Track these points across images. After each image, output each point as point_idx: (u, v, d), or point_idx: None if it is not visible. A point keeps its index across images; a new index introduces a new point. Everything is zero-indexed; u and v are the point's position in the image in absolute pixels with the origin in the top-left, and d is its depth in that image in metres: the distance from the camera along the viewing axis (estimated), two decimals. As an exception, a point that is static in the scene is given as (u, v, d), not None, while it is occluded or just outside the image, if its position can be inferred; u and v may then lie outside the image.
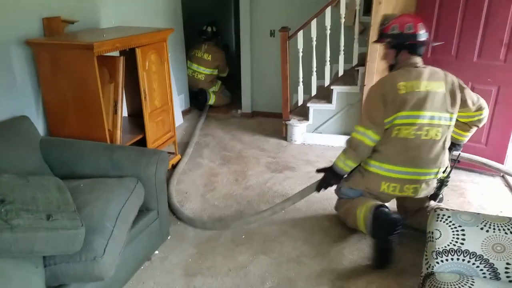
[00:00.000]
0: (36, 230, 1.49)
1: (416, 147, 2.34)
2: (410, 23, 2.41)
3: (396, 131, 2.35)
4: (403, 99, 2.32)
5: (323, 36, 3.89)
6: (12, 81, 2.54)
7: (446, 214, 1.81)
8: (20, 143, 2.29)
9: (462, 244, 1.69)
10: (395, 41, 2.43)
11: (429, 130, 2.34)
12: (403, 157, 2.37)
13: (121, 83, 2.75)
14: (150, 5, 4.13)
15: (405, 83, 2.34)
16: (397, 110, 2.33)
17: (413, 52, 2.44)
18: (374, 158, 2.45)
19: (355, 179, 2.57)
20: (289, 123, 4.21)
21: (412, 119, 2.32)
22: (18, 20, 2.53)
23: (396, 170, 2.39)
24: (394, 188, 2.41)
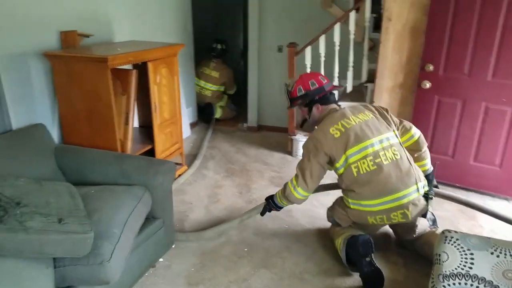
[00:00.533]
0: (48, 233, 1.57)
1: (383, 175, 2.32)
2: (311, 79, 2.58)
3: (355, 168, 2.36)
4: (343, 141, 2.37)
5: (332, 52, 3.96)
6: (30, 91, 2.65)
7: (454, 236, 1.74)
8: (36, 150, 2.39)
9: (471, 269, 1.63)
10: (307, 100, 2.58)
11: (386, 153, 2.36)
12: (377, 190, 2.34)
13: (133, 95, 2.85)
14: (162, 21, 4.26)
15: (335, 127, 2.41)
16: (343, 151, 2.37)
17: (325, 103, 2.57)
18: (351, 197, 2.43)
19: (339, 215, 2.57)
20: (295, 138, 4.27)
21: (363, 152, 2.35)
22: (37, 33, 2.66)
23: (376, 203, 2.35)
24: (382, 219, 2.38)
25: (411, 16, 3.41)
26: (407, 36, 3.47)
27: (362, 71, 4.00)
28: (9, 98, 2.44)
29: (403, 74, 3.58)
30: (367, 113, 2.50)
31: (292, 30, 4.75)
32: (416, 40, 3.44)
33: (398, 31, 3.47)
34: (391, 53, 3.55)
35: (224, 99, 5.65)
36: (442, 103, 3.33)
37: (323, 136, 2.41)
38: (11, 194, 1.65)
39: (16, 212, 1.55)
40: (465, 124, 3.27)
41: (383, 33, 3.51)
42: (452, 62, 3.18)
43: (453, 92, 3.27)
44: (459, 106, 3.27)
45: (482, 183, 3.32)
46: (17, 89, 2.54)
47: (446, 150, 3.42)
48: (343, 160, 2.38)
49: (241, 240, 2.77)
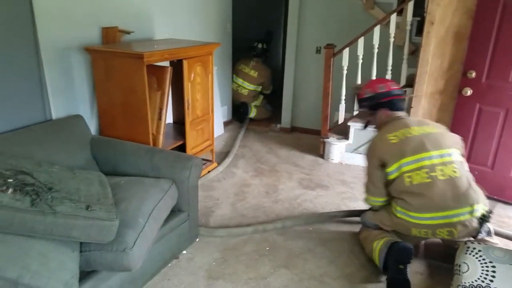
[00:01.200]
0: (75, 218, 1.65)
1: (437, 190, 2.27)
2: (381, 84, 2.63)
3: (407, 178, 2.34)
4: (399, 148, 2.37)
5: (370, 54, 3.90)
6: (71, 83, 2.81)
7: (477, 247, 1.71)
8: (73, 139, 2.53)
9: (491, 282, 1.60)
10: (372, 102, 2.61)
11: (443, 169, 2.30)
12: (428, 204, 2.28)
13: (167, 91, 2.94)
14: (202, 20, 4.35)
15: (394, 133, 2.43)
16: (399, 159, 2.36)
17: (392, 108, 2.58)
18: (400, 205, 2.38)
19: (384, 219, 2.53)
20: (327, 140, 4.24)
21: (419, 162, 2.32)
22: (81, 28, 2.81)
23: (424, 217, 2.29)
24: (426, 233, 2.32)
25: (455, 20, 3.30)
26: (450, 41, 3.37)
27: (401, 76, 3.91)
28: (51, 89, 2.59)
29: (444, 80, 3.48)
30: (433, 127, 2.47)
31: (332, 32, 4.72)
32: (459, 45, 3.33)
33: (440, 36, 3.38)
34: (432, 58, 3.46)
35: (260, 99, 5.68)
36: (483, 111, 3.22)
37: (379, 140, 2.47)
38: (45, 179, 1.76)
39: (47, 197, 1.65)
40: (507, 135, 3.14)
41: (425, 37, 3.43)
42: (496, 69, 3.06)
43: (495, 100, 3.14)
44: (501, 115, 3.15)
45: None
46: (59, 81, 2.70)
47: (485, 161, 3.29)
48: (395, 167, 2.37)
49: (264, 239, 2.79)
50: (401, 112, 2.61)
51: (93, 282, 1.84)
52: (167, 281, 2.35)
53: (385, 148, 2.41)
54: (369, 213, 2.67)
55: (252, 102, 5.55)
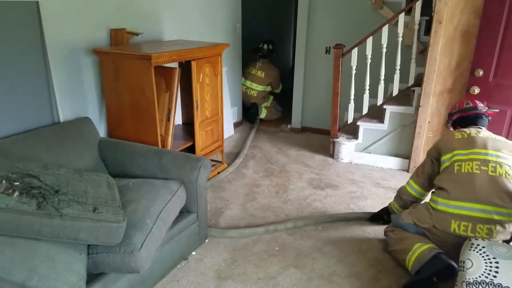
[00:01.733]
0: (82, 220, 1.66)
1: (484, 182, 2.25)
2: (460, 103, 2.74)
3: (457, 166, 2.36)
4: (460, 142, 2.45)
5: (379, 54, 3.87)
6: (79, 85, 2.83)
7: (481, 244, 1.75)
8: (81, 142, 2.54)
9: (495, 277, 1.62)
10: (450, 119, 2.77)
11: (496, 167, 2.28)
12: (471, 192, 2.26)
13: (176, 93, 2.95)
14: (211, 21, 4.36)
15: (460, 132, 2.53)
16: (454, 149, 2.44)
17: (464, 125, 2.64)
18: (441, 196, 2.36)
19: (421, 216, 2.46)
20: (337, 140, 4.22)
21: (473, 155, 2.35)
22: (89, 30, 2.83)
23: (466, 206, 2.25)
24: (466, 227, 2.23)
25: (463, 19, 3.27)
26: (458, 40, 3.33)
27: (409, 75, 3.87)
28: (59, 91, 2.60)
29: (452, 79, 3.44)
30: (505, 140, 2.49)
31: (341, 32, 4.70)
32: (467, 44, 3.30)
33: (448, 35, 3.34)
34: (440, 57, 3.42)
35: (270, 99, 5.67)
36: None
37: (446, 135, 2.63)
38: (52, 182, 1.78)
39: (54, 199, 1.66)
40: (514, 133, 3.11)
41: (433, 36, 3.40)
42: (503, 68, 3.06)
43: (502, 99, 3.13)
44: (508, 113, 3.15)
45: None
46: (67, 84, 2.72)
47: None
48: (449, 156, 2.44)
49: (274, 239, 2.78)
50: (473, 127, 2.60)
51: (101, 284, 1.85)
52: (176, 282, 2.35)
53: (447, 140, 2.53)
54: (405, 213, 2.60)
55: (262, 103, 5.54)
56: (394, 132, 4.03)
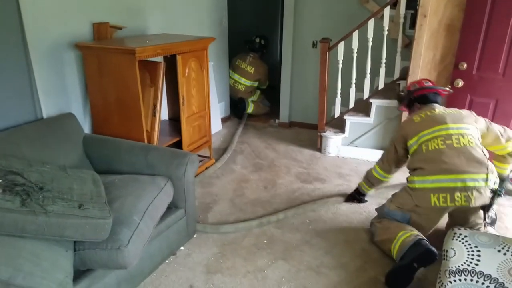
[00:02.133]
0: (68, 217, 1.65)
1: (452, 154, 2.40)
2: (415, 82, 2.94)
3: (424, 146, 2.53)
4: (420, 124, 2.62)
5: (365, 48, 3.89)
6: (61, 81, 2.79)
7: (463, 233, 1.78)
8: (65, 138, 2.51)
9: (477, 265, 1.66)
10: (406, 99, 2.94)
11: (459, 139, 2.45)
12: (443, 165, 2.40)
13: (161, 87, 2.93)
14: (196, 15, 4.33)
15: (418, 114, 2.70)
16: (418, 132, 2.59)
17: (424, 102, 2.81)
18: (418, 174, 2.49)
19: (402, 199, 2.58)
20: (324, 134, 4.23)
21: (436, 132, 2.51)
22: (72, 24, 2.78)
23: (441, 179, 2.38)
24: (445, 198, 2.35)
25: (447, 13, 3.30)
26: (442, 33, 3.36)
27: (395, 68, 3.90)
28: (41, 87, 2.56)
29: (437, 72, 3.48)
30: (457, 110, 2.68)
31: (328, 26, 4.70)
32: (452, 38, 3.33)
33: (433, 28, 3.37)
34: (425, 51, 3.46)
35: (257, 94, 5.66)
36: (475, 102, 3.25)
37: (405, 123, 2.80)
38: (36, 179, 1.75)
39: (38, 197, 1.64)
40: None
41: (417, 29, 3.42)
42: (486, 61, 3.09)
43: (485, 91, 3.18)
44: (491, 106, 3.19)
45: (513, 187, 3.19)
46: (50, 79, 2.67)
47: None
48: (415, 140, 2.60)
49: (262, 233, 2.80)
50: (434, 104, 2.77)
51: (88, 281, 1.84)
52: (165, 277, 2.35)
53: (409, 126, 2.68)
54: (387, 202, 2.71)
55: (249, 98, 5.53)
56: (380, 125, 4.07)
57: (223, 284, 2.30)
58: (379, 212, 2.78)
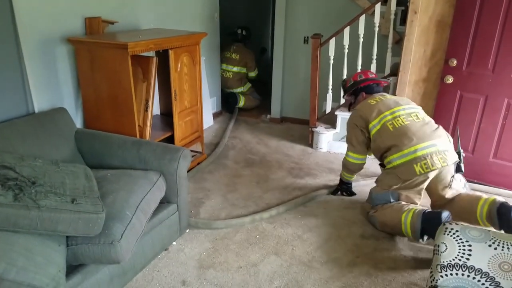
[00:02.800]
0: (61, 212, 1.64)
1: (417, 127, 2.70)
2: (360, 74, 3.21)
3: (390, 125, 2.76)
4: (378, 106, 2.86)
5: (356, 44, 3.91)
6: (54, 76, 2.76)
7: (454, 228, 1.78)
8: (57, 133, 2.49)
9: (468, 260, 1.66)
10: (353, 88, 3.18)
11: (417, 115, 2.80)
12: (414, 137, 2.64)
13: (153, 82, 2.92)
14: (188, 10, 4.31)
15: (372, 99, 2.96)
16: (379, 113, 2.82)
17: (370, 92, 3.10)
18: (394, 152, 2.69)
19: (387, 180, 2.77)
20: (316, 130, 4.26)
21: (396, 112, 2.79)
22: (64, 19, 2.76)
23: (417, 148, 2.60)
24: (426, 164, 2.56)
25: (437, 9, 3.32)
26: (433, 30, 3.39)
27: (385, 64, 3.92)
28: (33, 82, 2.54)
29: (427, 68, 3.51)
30: (396, 97, 3.04)
31: (319, 22, 4.71)
32: (442, 34, 3.36)
33: (424, 24, 3.39)
34: (415, 47, 3.48)
35: (247, 85, 5.72)
36: (464, 98, 3.28)
37: (361, 106, 2.99)
38: (28, 173, 1.74)
39: (31, 191, 1.63)
40: (486, 121, 3.21)
41: (408, 26, 3.44)
42: (476, 57, 3.11)
43: (475, 87, 3.21)
44: (481, 102, 3.21)
45: (501, 180, 3.23)
46: (41, 74, 2.65)
47: (466, 146, 3.34)
48: (377, 120, 2.81)
49: (254, 228, 2.81)
50: (378, 94, 3.06)
51: (81, 276, 1.84)
52: (157, 272, 2.35)
53: (367, 109, 2.90)
54: (375, 188, 2.88)
55: (238, 88, 5.58)
56: (371, 121, 4.09)
57: (216, 279, 2.31)
58: (370, 202, 2.89)
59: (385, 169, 2.81)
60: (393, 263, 2.47)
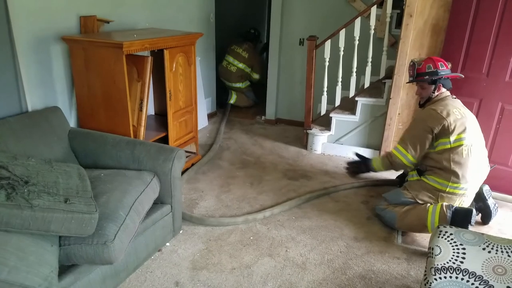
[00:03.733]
0: (54, 211, 1.63)
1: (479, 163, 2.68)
2: (441, 62, 2.80)
3: (464, 150, 2.62)
4: (463, 122, 2.63)
5: (351, 46, 3.92)
6: (48, 74, 2.74)
7: (449, 231, 1.80)
8: (50, 132, 2.47)
9: (462, 263, 1.67)
10: (434, 77, 2.76)
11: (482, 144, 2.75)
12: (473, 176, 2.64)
13: (148, 82, 2.90)
14: (184, 11, 4.30)
15: (457, 109, 2.68)
16: (462, 131, 2.62)
17: (446, 86, 2.80)
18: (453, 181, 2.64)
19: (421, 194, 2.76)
20: (310, 132, 4.26)
21: (473, 138, 2.65)
22: (58, 17, 2.74)
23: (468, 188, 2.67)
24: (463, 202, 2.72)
25: (433, 13, 3.34)
26: (428, 33, 3.41)
27: (381, 67, 3.94)
28: (27, 80, 2.51)
29: (422, 72, 3.51)
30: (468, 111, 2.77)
31: (315, 24, 4.72)
32: (437, 38, 3.38)
33: (419, 28, 3.41)
34: (410, 50, 3.50)
35: (246, 83, 5.79)
36: None
37: (448, 112, 2.65)
38: (21, 173, 1.72)
39: (23, 190, 1.61)
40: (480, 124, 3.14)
41: (403, 29, 3.46)
42: (471, 61, 3.14)
43: (470, 91, 3.23)
44: (475, 105, 3.24)
45: (494, 184, 3.23)
46: (35, 72, 2.63)
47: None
48: (456, 138, 2.62)
49: (248, 229, 2.80)
50: (448, 91, 2.83)
51: (73, 276, 1.82)
52: (150, 273, 2.34)
53: (453, 118, 2.62)
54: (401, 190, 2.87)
55: (237, 83, 5.66)
56: (365, 123, 4.11)
57: (209, 280, 2.30)
58: (390, 199, 2.91)
59: (427, 183, 2.74)
60: (386, 265, 2.48)
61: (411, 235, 2.80)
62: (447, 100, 2.75)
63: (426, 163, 2.79)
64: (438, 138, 2.67)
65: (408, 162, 2.81)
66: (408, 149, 2.78)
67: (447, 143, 2.63)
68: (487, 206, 2.87)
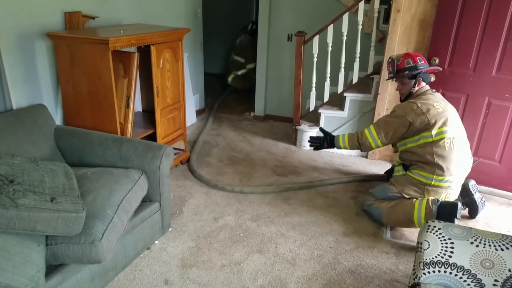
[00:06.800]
0: (40, 211, 1.60)
1: (462, 156, 2.71)
2: (419, 57, 2.82)
3: (446, 143, 2.64)
4: (444, 115, 2.64)
5: (339, 42, 3.93)
6: (33, 71, 2.69)
7: (437, 226, 1.81)
8: (36, 130, 2.43)
9: (450, 257, 1.68)
10: (414, 72, 2.77)
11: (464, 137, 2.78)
12: (457, 169, 2.66)
13: (134, 78, 2.86)
14: (171, 6, 4.25)
15: (438, 103, 2.70)
16: (443, 125, 2.64)
17: (425, 80, 2.83)
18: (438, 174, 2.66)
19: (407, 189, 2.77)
20: (299, 128, 4.26)
21: (455, 132, 2.67)
22: (42, 13, 2.68)
23: (453, 181, 2.69)
24: (449, 195, 2.74)
25: (420, 8, 3.36)
26: (416, 29, 3.42)
27: (369, 63, 3.95)
28: (11, 78, 2.47)
29: (409, 67, 3.54)
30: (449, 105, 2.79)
31: (303, 19, 4.71)
32: (424, 33, 3.40)
33: (406, 23, 3.43)
34: (398, 45, 3.52)
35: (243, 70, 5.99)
36: (446, 97, 3.24)
37: (426, 105, 2.67)
38: (6, 172, 1.69)
39: (8, 190, 1.58)
40: (467, 119, 3.26)
41: (391, 24, 3.47)
42: (458, 56, 3.16)
43: (457, 86, 3.26)
44: (462, 100, 3.27)
45: (481, 178, 3.28)
46: (20, 69, 2.58)
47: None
48: (438, 131, 2.63)
49: (238, 226, 2.80)
50: (427, 85, 2.86)
51: (61, 276, 1.80)
52: (139, 271, 2.32)
53: (434, 112, 2.64)
54: (387, 186, 2.89)
55: (234, 70, 5.97)
56: (354, 119, 4.13)
57: (199, 278, 2.29)
58: (377, 194, 2.93)
59: (413, 177, 2.75)
60: (375, 260, 2.50)
61: (399, 230, 2.83)
62: (427, 94, 2.78)
63: (410, 157, 2.81)
64: (420, 132, 2.69)
65: (375, 146, 2.85)
66: (380, 134, 2.81)
67: (429, 137, 2.65)
68: (473, 201, 2.91)
